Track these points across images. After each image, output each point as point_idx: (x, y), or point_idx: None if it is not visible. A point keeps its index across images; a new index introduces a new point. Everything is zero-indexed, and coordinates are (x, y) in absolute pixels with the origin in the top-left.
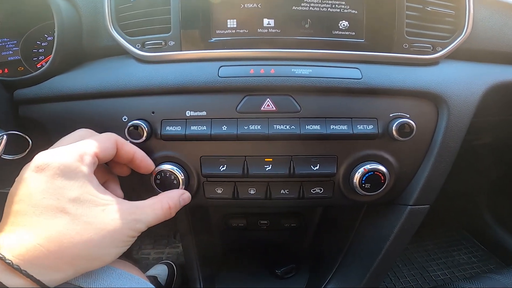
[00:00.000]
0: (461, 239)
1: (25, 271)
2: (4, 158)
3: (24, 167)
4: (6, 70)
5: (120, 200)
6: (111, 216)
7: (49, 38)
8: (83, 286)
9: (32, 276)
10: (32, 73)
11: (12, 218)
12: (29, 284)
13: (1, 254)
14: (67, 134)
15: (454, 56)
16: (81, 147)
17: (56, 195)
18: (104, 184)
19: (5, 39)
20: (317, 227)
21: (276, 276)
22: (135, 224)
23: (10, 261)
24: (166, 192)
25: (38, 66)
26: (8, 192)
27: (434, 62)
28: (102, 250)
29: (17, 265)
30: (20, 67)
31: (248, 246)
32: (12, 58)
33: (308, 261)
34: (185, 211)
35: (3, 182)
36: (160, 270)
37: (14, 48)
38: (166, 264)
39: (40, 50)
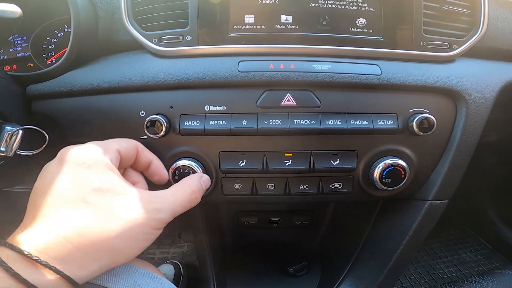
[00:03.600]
0: (467, 237)
1: (54, 267)
2: (21, 154)
3: (47, 163)
4: (14, 67)
5: (140, 190)
6: (132, 206)
7: (59, 34)
8: (107, 286)
9: (62, 272)
10: (43, 69)
11: (36, 212)
12: (59, 280)
13: (27, 252)
14: (82, 130)
15: (468, 54)
16: (103, 142)
17: (78, 185)
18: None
19: (14, 35)
20: (329, 224)
21: (288, 274)
22: (156, 214)
23: (37, 258)
24: (184, 178)
25: (48, 62)
26: (21, 192)
27: (450, 60)
28: (124, 243)
29: (46, 262)
30: (29, 64)
31: (259, 244)
32: (21, 55)
33: (321, 259)
34: (199, 209)
35: (15, 180)
36: (166, 270)
37: (23, 45)
38: (172, 264)
39: (50, 47)
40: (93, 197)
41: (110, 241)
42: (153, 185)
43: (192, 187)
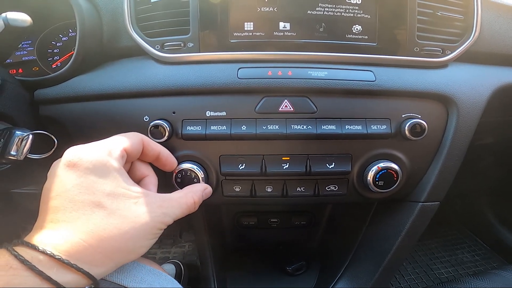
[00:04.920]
0: (464, 238)
1: (75, 265)
2: (30, 158)
3: (55, 162)
4: (20, 70)
5: (149, 192)
6: (143, 209)
7: (64, 39)
8: (117, 282)
9: (82, 269)
10: (48, 73)
11: (51, 214)
12: (79, 278)
13: (50, 251)
14: (88, 134)
15: (462, 58)
16: (109, 142)
17: (91, 189)
18: (142, 181)
19: None
20: (327, 225)
21: (286, 273)
22: (164, 218)
23: (59, 257)
24: (190, 186)
25: (54, 66)
26: (29, 193)
27: (443, 65)
28: (137, 243)
29: (67, 260)
30: (35, 67)
31: (258, 244)
32: (26, 58)
33: (318, 258)
34: (201, 210)
35: (24, 182)
36: (167, 270)
37: (28, 48)
38: (174, 263)
39: (55, 50)
40: (107, 201)
41: (125, 241)
42: (159, 171)
43: (194, 198)
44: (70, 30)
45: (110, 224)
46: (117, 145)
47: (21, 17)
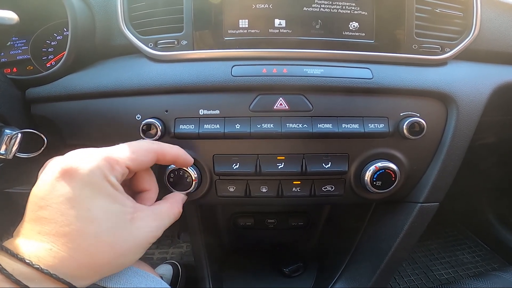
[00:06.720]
0: (465, 239)
1: (55, 274)
2: (19, 157)
3: (49, 165)
4: (15, 69)
5: (143, 207)
6: (137, 225)
7: (58, 38)
8: (100, 284)
9: (63, 279)
10: (42, 72)
11: (39, 225)
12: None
13: (37, 265)
14: (79, 133)
15: (461, 56)
16: (113, 156)
17: (86, 205)
18: (141, 194)
19: (14, 38)
20: (324, 226)
21: (283, 275)
22: (156, 231)
23: (47, 271)
24: (173, 196)
25: (48, 65)
26: (19, 192)
27: (442, 63)
28: (127, 258)
29: (47, 270)
30: (29, 66)
31: (255, 245)
32: (21, 57)
33: (316, 260)
34: (195, 210)
35: (15, 181)
36: (165, 270)
37: (23, 47)
38: (171, 264)
39: (49, 49)
40: (102, 217)
41: (116, 258)
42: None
43: (179, 208)
44: (64, 29)
45: (103, 242)
46: (121, 160)
47: (7, 15)
